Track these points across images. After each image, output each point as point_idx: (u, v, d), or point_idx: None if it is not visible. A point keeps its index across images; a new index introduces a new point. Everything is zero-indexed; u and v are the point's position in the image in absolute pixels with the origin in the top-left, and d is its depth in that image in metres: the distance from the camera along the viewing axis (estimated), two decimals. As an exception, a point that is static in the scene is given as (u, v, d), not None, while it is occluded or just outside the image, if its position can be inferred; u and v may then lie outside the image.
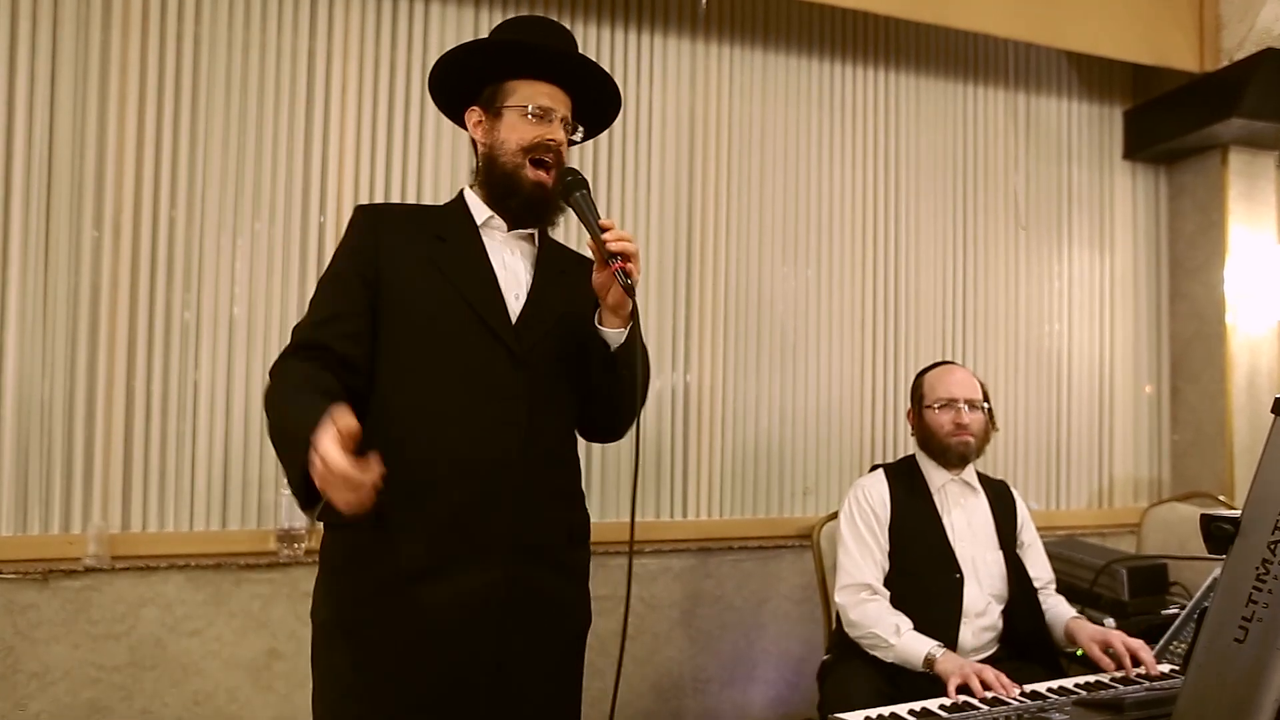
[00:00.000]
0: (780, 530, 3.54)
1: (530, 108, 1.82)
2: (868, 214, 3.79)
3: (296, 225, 3.04)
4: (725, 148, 3.58)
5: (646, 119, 3.48)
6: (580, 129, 1.95)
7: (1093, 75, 4.23)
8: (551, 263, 1.93)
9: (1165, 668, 2.24)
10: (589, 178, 3.30)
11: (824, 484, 3.66)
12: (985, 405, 2.70)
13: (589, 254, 1.84)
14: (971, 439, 2.65)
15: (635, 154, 3.45)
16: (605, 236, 1.72)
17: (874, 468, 2.82)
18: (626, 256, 1.73)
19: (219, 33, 2.97)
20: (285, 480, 2.87)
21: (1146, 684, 2.11)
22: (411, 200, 3.14)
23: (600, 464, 3.34)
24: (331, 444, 1.38)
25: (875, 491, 2.67)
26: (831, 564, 2.82)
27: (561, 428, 1.89)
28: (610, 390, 1.85)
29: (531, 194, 1.83)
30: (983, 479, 2.76)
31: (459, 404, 1.74)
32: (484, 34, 3.24)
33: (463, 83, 1.89)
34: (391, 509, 1.63)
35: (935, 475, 2.69)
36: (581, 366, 1.86)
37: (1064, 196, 4.15)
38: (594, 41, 3.41)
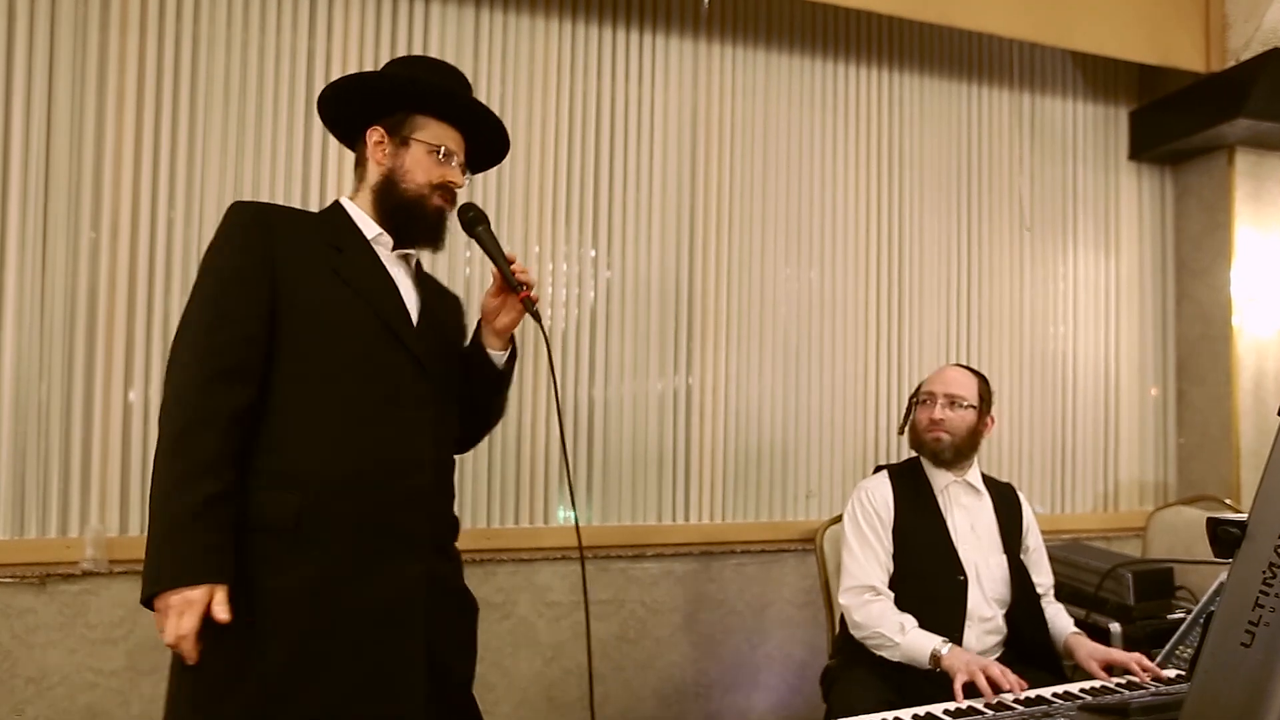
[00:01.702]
0: (783, 534, 3.52)
1: (441, 149, 1.94)
2: (871, 215, 3.77)
3: (296, 227, 3.02)
4: (728, 148, 3.56)
5: (649, 119, 3.46)
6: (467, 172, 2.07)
7: (1098, 75, 4.21)
8: (427, 284, 2.05)
9: (1171, 673, 2.22)
10: (591, 176, 3.34)
11: (827, 487, 3.64)
12: (972, 405, 2.64)
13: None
14: (945, 435, 2.60)
15: (637, 154, 3.44)
16: (514, 267, 1.94)
17: (878, 469, 2.80)
18: (529, 285, 1.94)
19: (218, 32, 2.96)
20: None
21: (1152, 689, 2.09)
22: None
23: (601, 467, 3.33)
24: (195, 625, 1.56)
25: (878, 493, 2.65)
26: (835, 568, 2.80)
27: (452, 434, 2.02)
28: (488, 404, 2.09)
29: (434, 219, 1.95)
30: (988, 481, 2.73)
31: (371, 408, 1.80)
32: (483, 36, 3.26)
33: (368, 102, 1.98)
34: (309, 513, 1.70)
35: (938, 476, 2.66)
36: (463, 381, 2.04)
37: (1069, 197, 4.13)
38: (595, 41, 3.40)
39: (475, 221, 1.99)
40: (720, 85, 3.57)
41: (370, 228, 1.93)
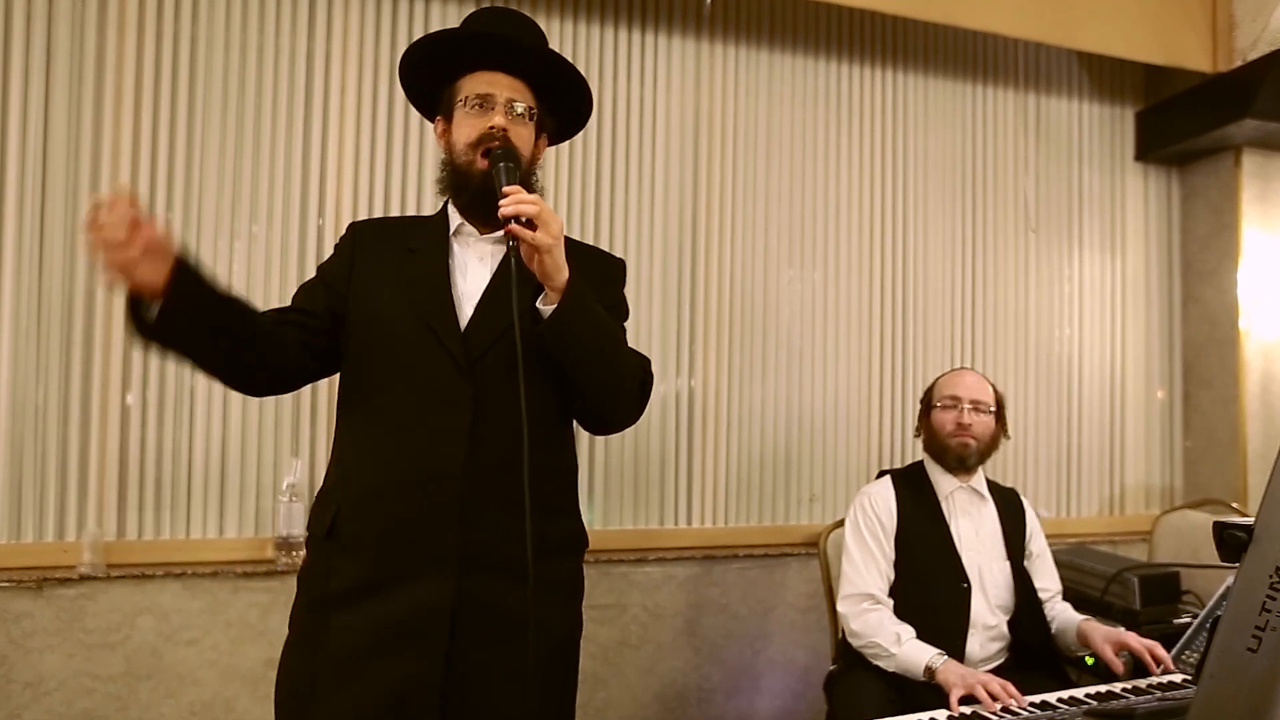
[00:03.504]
0: (786, 538, 3.50)
1: (469, 100, 1.75)
2: (875, 216, 3.75)
3: (295, 228, 3.01)
4: (730, 149, 3.54)
5: (651, 120, 3.44)
6: (535, 111, 1.81)
7: (1104, 76, 4.19)
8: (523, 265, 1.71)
9: (1178, 677, 2.19)
10: (593, 177, 3.33)
11: (830, 491, 3.61)
12: (994, 410, 2.66)
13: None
14: (972, 441, 2.60)
15: (639, 155, 3.42)
16: (501, 203, 1.60)
17: (881, 473, 2.78)
18: (525, 219, 1.58)
19: (216, 33, 2.95)
20: (283, 487, 2.87)
21: (1158, 694, 2.07)
22: (411, 201, 3.12)
23: (603, 471, 3.31)
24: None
25: (881, 499, 2.63)
26: (838, 572, 2.78)
27: (534, 434, 1.63)
28: (571, 374, 1.73)
29: (481, 184, 1.72)
30: (992, 487, 2.72)
31: (405, 415, 1.72)
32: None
33: (432, 97, 1.88)
34: (343, 523, 1.71)
35: (943, 482, 2.64)
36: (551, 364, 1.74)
37: (1074, 198, 4.10)
38: (598, 41, 3.39)
39: (495, 159, 1.69)
40: (723, 85, 3.55)
41: (455, 220, 1.82)
